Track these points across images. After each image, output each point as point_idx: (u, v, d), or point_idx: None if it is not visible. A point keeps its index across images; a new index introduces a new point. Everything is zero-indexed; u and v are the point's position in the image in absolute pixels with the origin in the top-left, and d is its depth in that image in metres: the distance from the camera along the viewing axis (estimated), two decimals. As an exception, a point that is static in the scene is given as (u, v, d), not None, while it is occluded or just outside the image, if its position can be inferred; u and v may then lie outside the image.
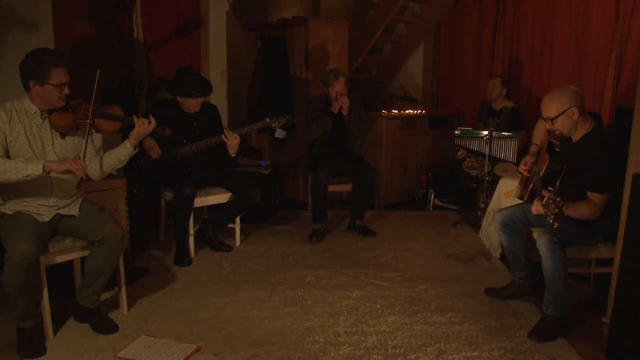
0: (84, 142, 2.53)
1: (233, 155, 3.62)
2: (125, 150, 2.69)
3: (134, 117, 2.68)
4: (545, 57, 4.98)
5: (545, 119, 2.70)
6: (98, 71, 2.52)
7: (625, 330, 2.31)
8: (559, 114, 2.61)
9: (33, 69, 2.40)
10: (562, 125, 2.65)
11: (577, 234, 2.66)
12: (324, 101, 4.17)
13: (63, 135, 2.58)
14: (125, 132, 2.78)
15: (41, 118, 2.51)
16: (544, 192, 2.38)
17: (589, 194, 2.61)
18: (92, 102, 2.51)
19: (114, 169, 2.76)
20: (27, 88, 2.45)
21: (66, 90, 2.48)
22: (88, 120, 2.50)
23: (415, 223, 4.69)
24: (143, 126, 2.67)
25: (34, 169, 2.31)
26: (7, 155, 2.42)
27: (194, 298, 3.07)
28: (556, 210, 2.29)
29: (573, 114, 2.60)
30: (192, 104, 3.66)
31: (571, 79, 4.77)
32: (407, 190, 5.35)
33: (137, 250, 3.79)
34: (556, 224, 2.31)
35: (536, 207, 2.53)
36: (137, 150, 2.72)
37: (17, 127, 2.44)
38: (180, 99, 3.66)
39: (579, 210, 2.57)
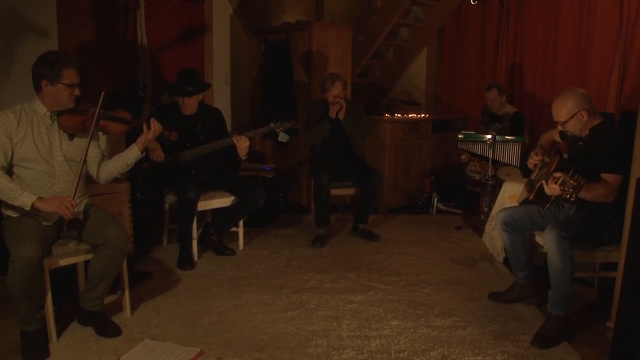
0: (88, 143, 2.57)
1: (243, 158, 3.64)
2: (132, 154, 2.73)
3: (144, 123, 2.74)
4: (548, 61, 4.98)
5: (556, 122, 2.80)
6: (104, 90, 2.57)
7: (629, 335, 2.30)
8: (569, 118, 2.73)
9: (46, 69, 2.44)
10: (572, 128, 2.77)
11: (582, 232, 2.66)
12: (324, 105, 4.18)
13: (71, 137, 2.60)
14: (130, 138, 2.81)
15: (50, 119, 2.53)
16: (557, 174, 2.41)
17: (603, 175, 2.63)
18: (99, 104, 2.55)
19: (120, 173, 2.80)
20: (39, 88, 2.48)
21: (77, 92, 2.52)
22: (93, 121, 2.54)
23: (419, 227, 4.68)
24: (151, 132, 2.73)
25: (23, 202, 2.36)
26: (11, 158, 2.44)
27: (197, 302, 3.08)
28: (574, 184, 2.33)
29: (582, 116, 2.71)
30: (189, 103, 3.68)
31: (574, 84, 4.76)
32: (411, 194, 5.34)
33: (141, 253, 3.80)
34: (573, 197, 2.35)
35: (551, 188, 2.47)
36: (144, 154, 2.77)
37: (24, 128, 2.46)
38: (178, 98, 3.69)
39: (594, 191, 2.57)
